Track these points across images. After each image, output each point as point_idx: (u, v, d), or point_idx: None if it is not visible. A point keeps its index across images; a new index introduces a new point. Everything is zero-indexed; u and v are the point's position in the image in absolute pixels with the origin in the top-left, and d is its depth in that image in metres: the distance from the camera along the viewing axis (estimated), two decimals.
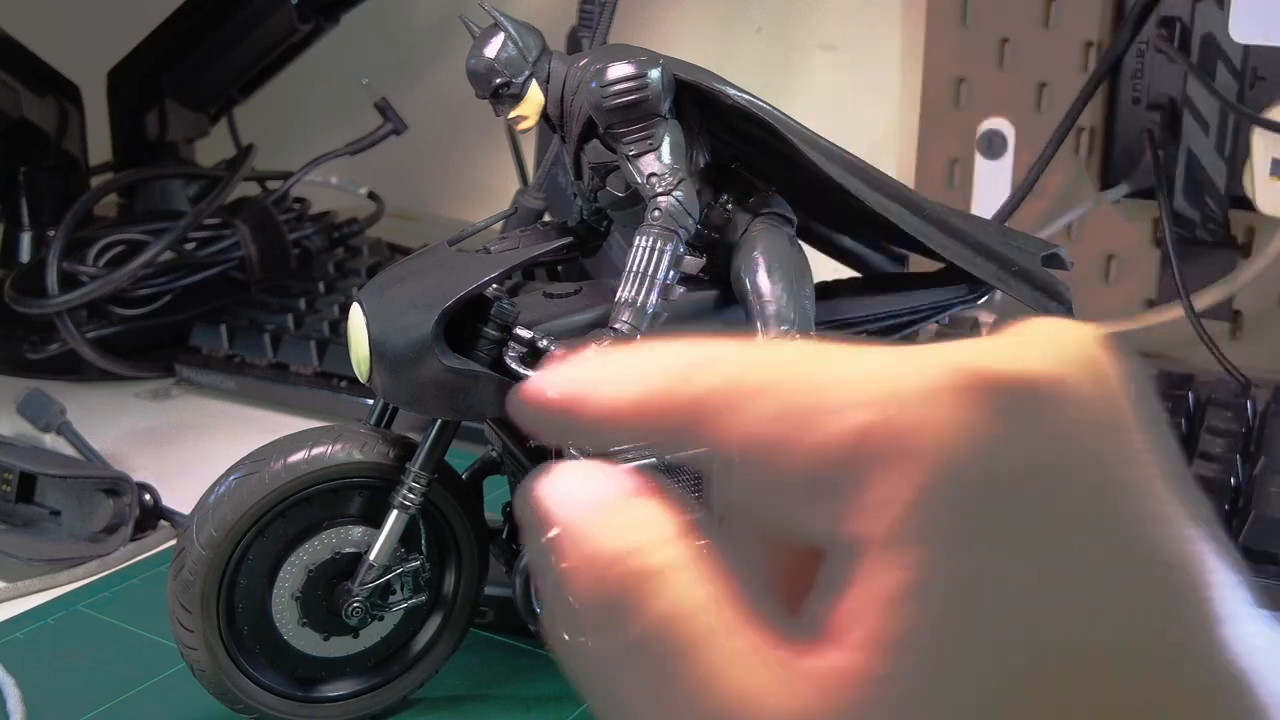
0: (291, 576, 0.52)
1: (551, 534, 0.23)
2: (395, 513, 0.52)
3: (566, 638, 0.23)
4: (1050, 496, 0.21)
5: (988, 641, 0.21)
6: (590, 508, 0.24)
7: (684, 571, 0.23)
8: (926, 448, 0.21)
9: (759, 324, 0.51)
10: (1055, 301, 0.54)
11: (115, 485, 0.68)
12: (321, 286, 0.95)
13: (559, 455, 0.54)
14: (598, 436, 0.25)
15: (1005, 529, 0.21)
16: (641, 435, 0.25)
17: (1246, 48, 0.78)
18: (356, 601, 0.52)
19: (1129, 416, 0.23)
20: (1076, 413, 0.22)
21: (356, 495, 0.53)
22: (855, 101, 1.02)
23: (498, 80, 0.52)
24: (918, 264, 0.60)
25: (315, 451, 0.52)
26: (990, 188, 0.87)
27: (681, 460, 0.51)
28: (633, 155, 0.51)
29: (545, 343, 0.50)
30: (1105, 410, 0.23)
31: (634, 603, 0.22)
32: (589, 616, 0.23)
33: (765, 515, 0.25)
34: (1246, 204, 0.78)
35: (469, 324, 0.51)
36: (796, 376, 0.23)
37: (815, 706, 0.21)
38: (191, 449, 0.80)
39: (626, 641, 0.22)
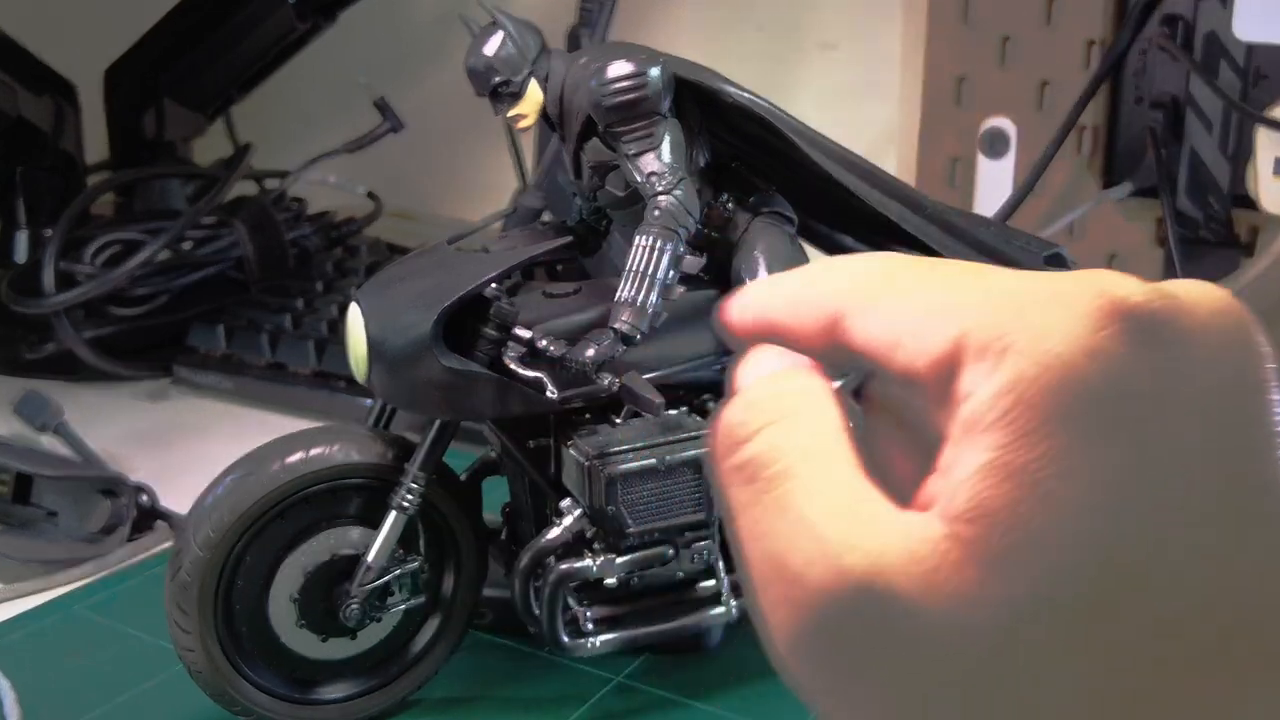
0: (289, 578, 0.52)
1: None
2: (393, 514, 0.52)
3: (711, 466, 0.27)
4: (1159, 422, 0.23)
5: (1060, 528, 0.22)
6: (756, 371, 0.28)
7: (801, 419, 0.26)
8: (1025, 347, 0.23)
9: None
10: None
11: (112, 486, 0.68)
12: (320, 286, 0.95)
13: (558, 454, 0.53)
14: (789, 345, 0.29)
15: (1102, 434, 0.23)
16: (820, 350, 0.28)
17: (1250, 46, 0.78)
18: (354, 603, 0.52)
19: (1267, 381, 0.24)
20: (1209, 356, 0.23)
21: (354, 496, 0.53)
22: (856, 100, 1.02)
23: (497, 79, 0.51)
24: None
25: (313, 452, 0.51)
26: (992, 187, 0.87)
27: (683, 460, 0.51)
28: (632, 154, 0.50)
29: (544, 342, 0.50)
30: (1242, 365, 0.24)
31: (749, 431, 0.26)
32: (718, 444, 0.27)
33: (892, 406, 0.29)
34: (1250, 203, 0.78)
35: (468, 324, 0.51)
36: (914, 288, 0.26)
37: (889, 547, 0.23)
38: (189, 449, 0.80)
39: (737, 462, 0.26)
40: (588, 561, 0.52)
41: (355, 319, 0.52)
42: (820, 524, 0.24)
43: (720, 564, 0.54)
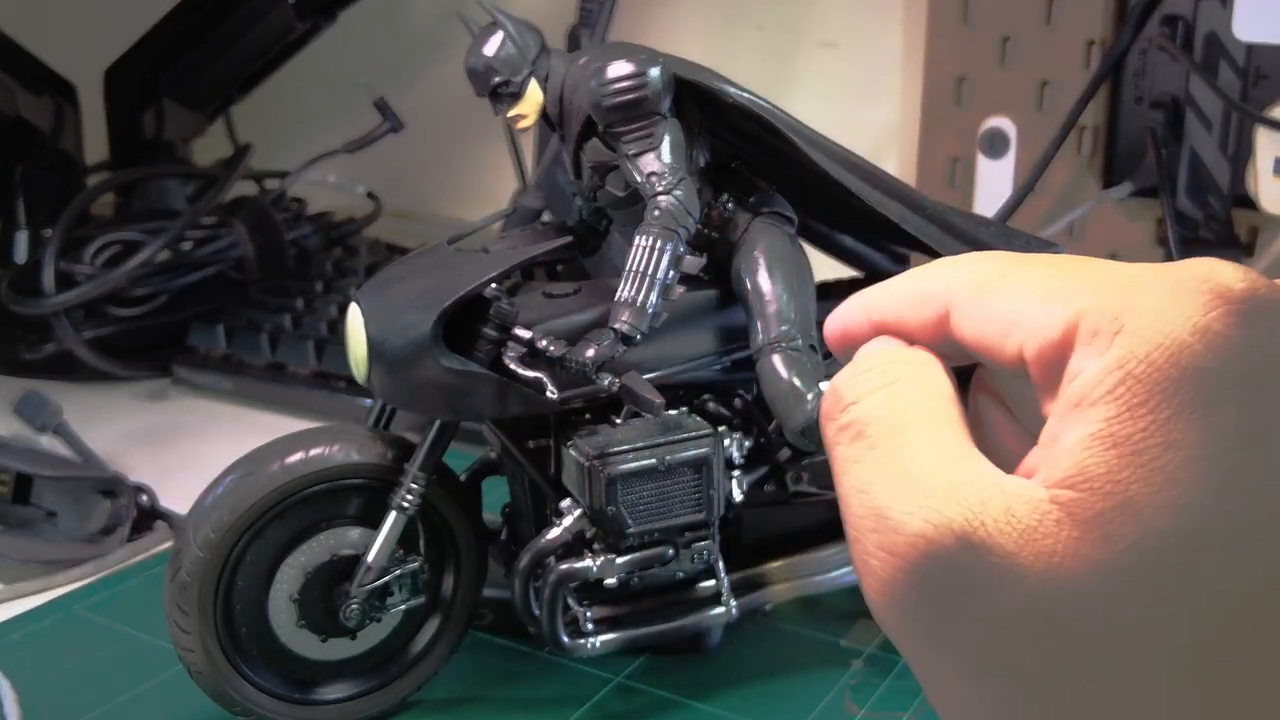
0: (289, 578, 0.52)
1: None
2: (393, 514, 0.52)
3: (822, 430, 0.28)
4: (1267, 402, 0.23)
5: (1162, 496, 0.23)
6: (871, 349, 0.30)
7: (910, 383, 0.27)
8: (1135, 328, 0.24)
9: (759, 323, 0.51)
10: None
11: (112, 486, 0.68)
12: (319, 286, 0.95)
13: (558, 454, 0.53)
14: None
15: (1209, 408, 0.23)
16: (931, 345, 0.29)
17: (1250, 46, 0.78)
18: (354, 603, 0.52)
19: None
20: None
21: (354, 496, 0.53)
22: (856, 100, 1.02)
23: (496, 79, 0.51)
24: (919, 263, 0.59)
25: (313, 452, 0.51)
26: (992, 187, 0.87)
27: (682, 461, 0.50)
28: (632, 154, 0.50)
29: (544, 342, 0.50)
30: None
31: (857, 394, 0.27)
32: (826, 407, 0.28)
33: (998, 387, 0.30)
34: (1250, 203, 0.78)
35: (468, 324, 0.51)
36: (1023, 281, 0.27)
37: (988, 504, 0.24)
38: (188, 450, 0.80)
39: (844, 420, 0.27)
40: (588, 562, 0.52)
41: (355, 319, 0.52)
42: (923, 477, 0.25)
43: (720, 564, 0.54)
